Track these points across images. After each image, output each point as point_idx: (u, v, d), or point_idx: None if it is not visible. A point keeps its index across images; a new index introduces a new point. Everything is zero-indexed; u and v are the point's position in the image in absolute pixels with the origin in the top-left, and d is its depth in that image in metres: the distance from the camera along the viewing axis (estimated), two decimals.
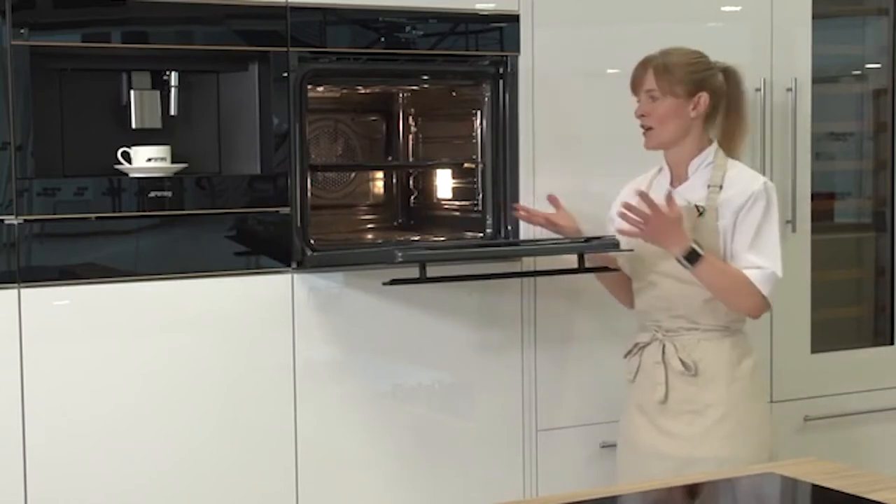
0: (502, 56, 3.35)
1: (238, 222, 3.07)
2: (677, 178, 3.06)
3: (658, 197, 2.94)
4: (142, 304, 2.97)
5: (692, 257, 2.89)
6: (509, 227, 3.39)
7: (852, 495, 2.21)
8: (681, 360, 3.00)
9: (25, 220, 2.84)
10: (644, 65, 3.04)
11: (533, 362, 3.41)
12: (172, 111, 3.12)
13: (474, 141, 3.46)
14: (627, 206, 2.91)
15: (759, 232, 2.98)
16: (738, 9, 3.71)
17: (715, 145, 3.06)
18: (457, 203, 3.64)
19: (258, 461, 3.11)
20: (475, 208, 3.49)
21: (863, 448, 3.85)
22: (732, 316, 3.02)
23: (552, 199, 3.26)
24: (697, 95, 3.01)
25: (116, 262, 2.96)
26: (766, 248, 2.98)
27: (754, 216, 2.97)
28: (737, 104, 3.10)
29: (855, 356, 4.00)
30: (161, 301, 2.99)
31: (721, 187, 2.99)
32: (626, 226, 2.96)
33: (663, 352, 3.03)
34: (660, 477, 2.97)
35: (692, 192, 3.03)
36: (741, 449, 2.98)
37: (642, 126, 3.04)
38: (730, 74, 3.08)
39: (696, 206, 2.99)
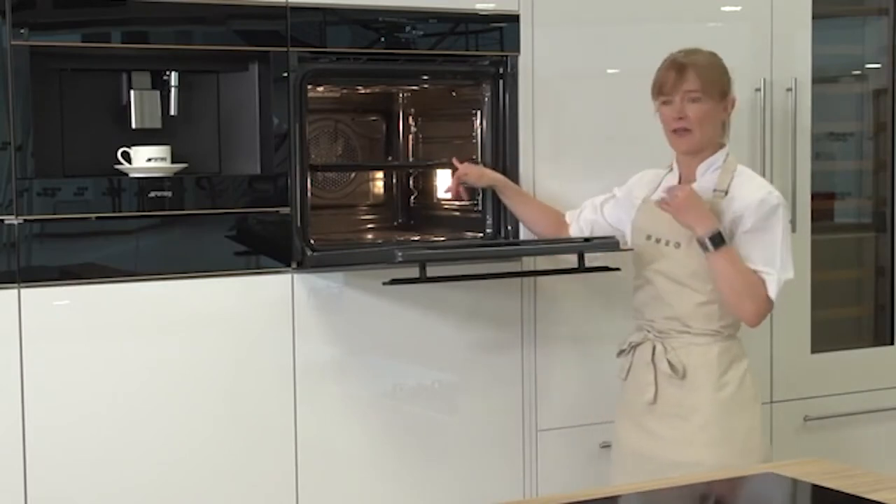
0: (502, 56, 3.35)
1: (238, 222, 3.07)
2: (686, 179, 3.04)
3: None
4: (142, 304, 2.97)
5: (716, 241, 2.87)
6: (509, 227, 3.39)
7: (852, 495, 2.21)
8: (669, 361, 2.98)
9: (25, 220, 2.84)
10: (681, 65, 2.96)
11: (533, 362, 3.42)
12: (172, 111, 3.12)
13: (474, 141, 3.46)
14: (667, 189, 2.96)
15: (772, 241, 2.93)
16: (738, 9, 3.71)
17: (726, 150, 3.02)
18: (457, 203, 3.64)
19: (258, 461, 3.11)
20: (475, 208, 3.50)
21: (863, 448, 3.85)
22: (725, 321, 2.99)
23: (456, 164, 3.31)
24: (729, 98, 3.01)
25: (116, 262, 2.96)
26: (776, 256, 2.93)
27: (766, 226, 2.92)
28: None
29: (855, 356, 4.00)
30: (161, 301, 2.99)
31: (726, 192, 2.96)
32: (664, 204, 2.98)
33: (653, 352, 3.02)
34: (642, 479, 2.98)
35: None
36: (726, 456, 2.93)
37: (677, 129, 2.97)
38: None
39: None
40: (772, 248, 2.94)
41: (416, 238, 3.52)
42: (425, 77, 3.48)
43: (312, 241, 3.14)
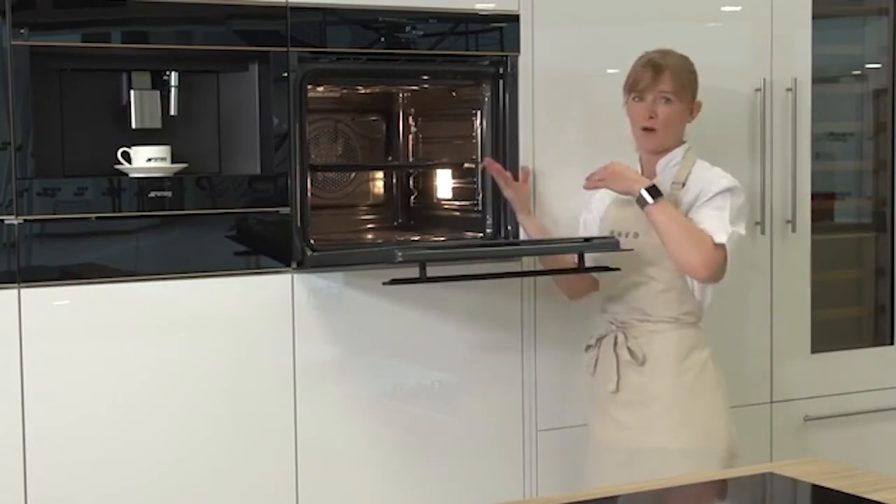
0: (502, 56, 3.35)
1: (238, 222, 3.07)
2: (648, 175, 3.10)
3: (628, 201, 3.03)
4: (142, 304, 2.97)
5: (654, 192, 2.93)
6: (509, 227, 3.39)
7: (852, 495, 2.21)
8: (629, 349, 3.05)
9: (25, 220, 2.84)
10: (657, 65, 3.05)
11: (533, 362, 3.41)
12: (172, 111, 3.12)
13: (474, 141, 3.46)
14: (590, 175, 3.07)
15: (720, 213, 2.97)
16: (738, 9, 3.71)
17: (685, 146, 3.11)
18: (457, 203, 3.64)
19: (258, 461, 3.11)
20: (475, 208, 3.49)
21: (863, 448, 3.84)
22: (685, 309, 3.05)
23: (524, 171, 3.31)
24: (696, 102, 3.09)
25: (116, 262, 2.96)
26: (724, 220, 2.97)
27: (717, 204, 2.98)
28: None
29: (855, 356, 4.00)
30: (161, 301, 2.99)
31: (684, 185, 3.04)
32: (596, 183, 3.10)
33: (615, 343, 3.08)
34: (610, 468, 3.02)
35: None
36: (688, 442, 3.00)
37: (646, 127, 3.07)
38: None
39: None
40: (719, 215, 2.97)
41: (416, 238, 3.52)
42: (425, 77, 3.48)
43: (312, 241, 3.14)
